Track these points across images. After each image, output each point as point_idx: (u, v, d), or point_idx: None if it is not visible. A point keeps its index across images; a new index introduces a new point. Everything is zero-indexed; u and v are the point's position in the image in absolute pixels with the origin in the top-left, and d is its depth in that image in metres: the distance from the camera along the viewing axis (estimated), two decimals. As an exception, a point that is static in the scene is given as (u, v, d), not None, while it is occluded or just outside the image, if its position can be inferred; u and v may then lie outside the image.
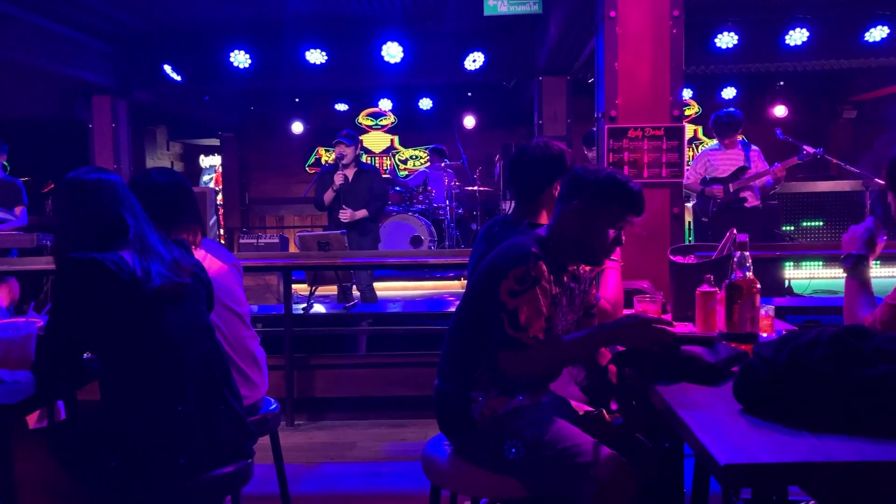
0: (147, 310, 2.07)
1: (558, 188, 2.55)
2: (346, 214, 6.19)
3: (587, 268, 2.36)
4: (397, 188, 8.92)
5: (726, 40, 7.74)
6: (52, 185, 10.53)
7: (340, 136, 6.30)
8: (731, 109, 5.99)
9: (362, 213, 6.22)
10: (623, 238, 2.20)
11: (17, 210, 6.27)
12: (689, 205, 6.48)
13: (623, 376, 2.22)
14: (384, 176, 8.33)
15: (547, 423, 2.12)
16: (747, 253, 2.25)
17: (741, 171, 5.86)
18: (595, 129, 4.11)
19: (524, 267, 2.07)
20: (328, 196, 6.25)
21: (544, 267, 2.11)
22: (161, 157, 12.36)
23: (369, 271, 6.33)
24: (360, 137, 6.65)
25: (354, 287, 6.37)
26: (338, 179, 6.18)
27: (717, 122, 5.95)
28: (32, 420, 2.71)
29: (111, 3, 7.23)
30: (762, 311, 2.35)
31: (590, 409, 2.40)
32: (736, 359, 2.00)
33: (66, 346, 2.09)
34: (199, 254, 2.65)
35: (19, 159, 7.12)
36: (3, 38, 6.71)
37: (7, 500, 2.04)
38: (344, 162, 6.24)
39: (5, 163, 6.55)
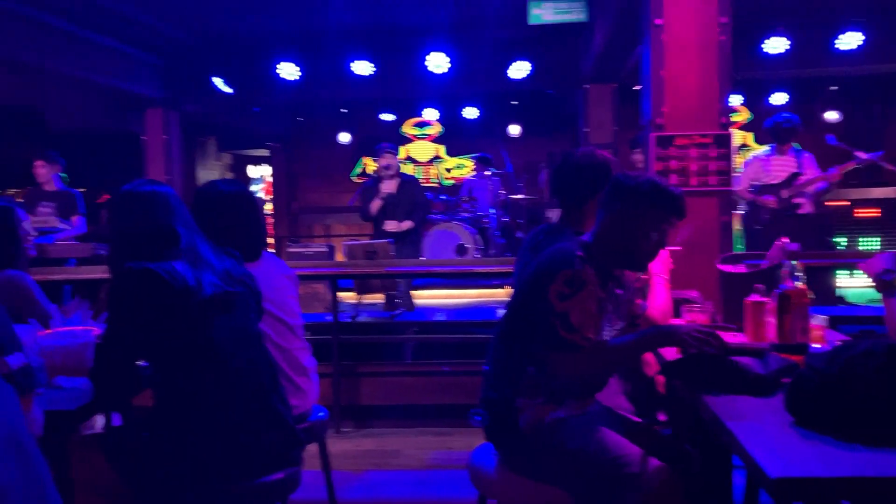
0: (198, 318, 2.12)
1: None
2: (392, 225, 6.24)
3: (633, 276, 2.35)
4: (441, 197, 8.95)
5: (776, 45, 7.61)
6: (107, 196, 10.83)
7: (386, 147, 6.36)
8: (789, 114, 5.86)
9: (408, 223, 6.27)
10: (666, 242, 2.20)
11: (74, 220, 6.45)
12: (739, 213, 6.37)
13: (672, 387, 2.20)
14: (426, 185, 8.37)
15: (594, 433, 2.11)
16: (798, 262, 2.22)
17: (794, 177, 5.74)
18: (642, 134, 4.08)
19: (571, 270, 2.07)
20: (375, 205, 6.32)
21: (591, 270, 2.11)
22: (211, 168, 12.60)
23: (407, 280, 6.39)
24: (406, 147, 6.72)
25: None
26: (386, 189, 6.25)
27: (776, 128, 5.82)
28: (92, 425, 2.78)
29: (163, 18, 7.41)
30: (814, 322, 2.31)
31: (638, 419, 2.38)
32: (786, 370, 1.96)
33: (122, 354, 2.15)
34: (258, 266, 2.69)
35: (76, 171, 7.34)
36: (62, 55, 6.93)
37: (65, 502, 2.10)
38: (389, 172, 6.30)
39: (63, 174, 6.74)
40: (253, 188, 13.96)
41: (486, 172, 9.27)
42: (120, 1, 6.65)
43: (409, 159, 12.57)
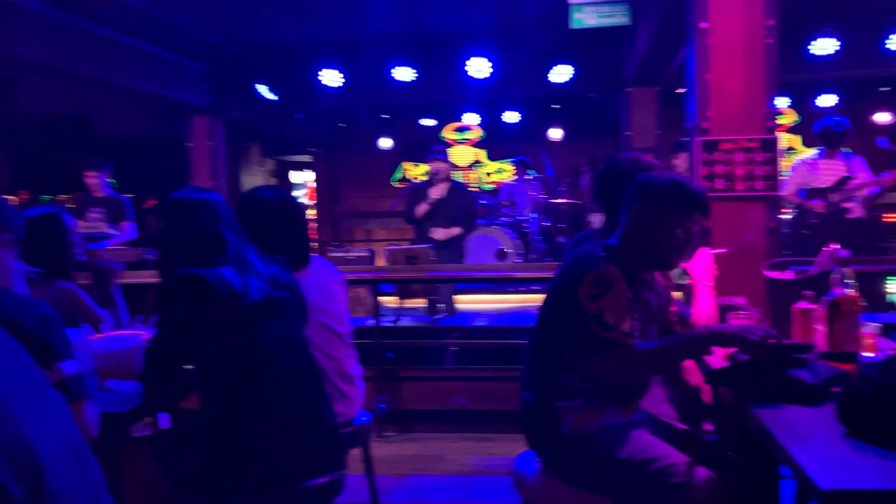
0: (245, 323, 2.16)
1: None
2: (440, 233, 6.22)
3: (663, 282, 2.33)
4: (482, 201, 8.95)
5: (824, 46, 7.44)
6: (154, 202, 11.05)
7: (438, 152, 6.36)
8: (839, 118, 5.73)
9: (456, 230, 6.26)
10: (692, 240, 2.18)
11: (124, 225, 6.59)
12: (787, 217, 6.25)
13: (718, 395, 2.17)
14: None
15: (639, 441, 2.08)
16: (849, 268, 2.17)
17: (844, 181, 5.61)
18: (684, 138, 4.03)
19: (596, 270, 2.07)
20: (422, 209, 6.31)
21: (615, 269, 2.10)
22: (255, 174, 12.78)
23: (450, 285, 6.38)
24: (446, 152, 6.70)
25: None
26: (434, 194, 6.24)
27: (825, 132, 5.68)
28: (142, 428, 2.84)
29: (209, 26, 7.55)
30: (865, 329, 2.26)
31: (684, 427, 2.35)
32: (837, 379, 1.92)
33: (170, 358, 2.19)
34: (308, 272, 2.72)
35: (123, 177, 7.50)
36: (111, 64, 7.10)
37: (117, 502, 2.15)
38: (439, 177, 6.29)
39: (111, 180, 6.89)
40: (296, 194, 14.12)
41: (527, 176, 9.24)
42: (167, 10, 6.79)
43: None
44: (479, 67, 8.01)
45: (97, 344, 2.43)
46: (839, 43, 7.43)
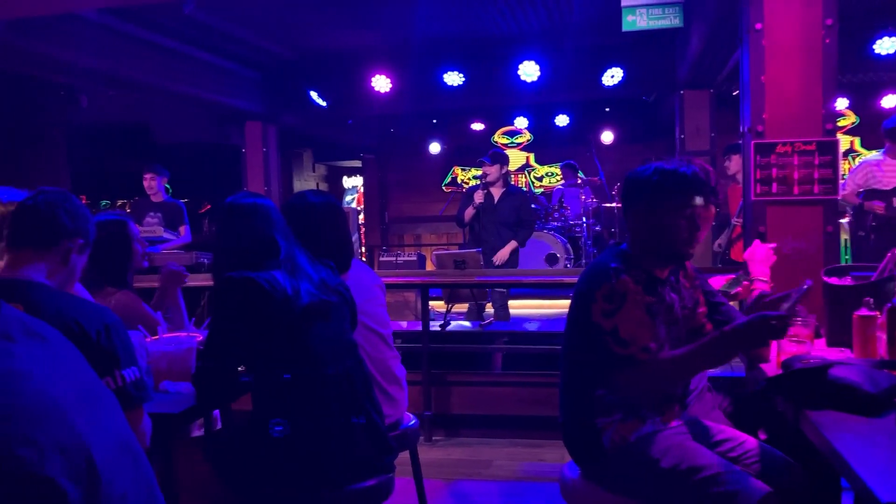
0: (296, 326, 2.18)
1: None
2: (498, 258, 6.17)
3: (687, 283, 2.27)
4: (532, 205, 8.90)
5: (886, 45, 7.23)
6: (209, 206, 11.28)
7: (485, 156, 6.35)
8: None
9: (511, 245, 6.20)
10: (700, 224, 2.09)
11: (182, 229, 6.76)
12: (844, 221, 6.08)
13: (773, 403, 2.11)
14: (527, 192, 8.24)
15: (682, 450, 2.04)
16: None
17: (910, 183, 5.44)
18: (739, 141, 3.96)
19: (608, 284, 2.02)
20: (469, 213, 6.30)
21: (628, 279, 2.05)
22: (307, 179, 12.96)
23: (504, 291, 6.34)
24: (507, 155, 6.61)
25: (489, 305, 6.39)
26: (478, 198, 6.22)
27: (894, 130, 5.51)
28: (195, 428, 2.90)
29: (261, 34, 7.67)
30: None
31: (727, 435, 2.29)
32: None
33: (223, 360, 2.23)
34: (349, 276, 2.75)
35: (178, 182, 7.67)
36: (168, 72, 7.27)
37: (169, 501, 2.19)
38: (487, 181, 6.27)
39: (167, 185, 7.06)
40: (347, 198, 14.27)
41: (577, 180, 9.17)
42: (223, 20, 6.93)
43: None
44: (529, 71, 7.98)
45: (152, 346, 2.49)
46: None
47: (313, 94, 8.76)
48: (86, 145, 8.86)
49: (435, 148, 12.31)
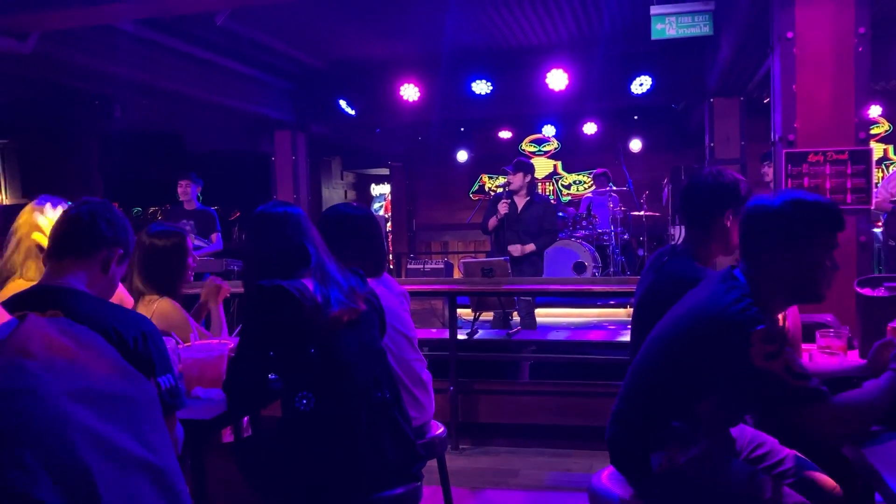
0: (326, 333, 2.21)
1: (730, 218, 2.47)
2: (516, 250, 6.19)
3: None
4: (560, 213, 8.88)
5: (920, 53, 7.12)
6: (238, 214, 11.40)
7: (510, 165, 6.36)
8: None
9: (530, 247, 6.21)
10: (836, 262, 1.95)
11: (213, 237, 6.85)
12: (877, 230, 5.99)
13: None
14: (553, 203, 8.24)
15: (733, 472, 2.02)
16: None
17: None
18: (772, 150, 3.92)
19: (764, 327, 1.82)
20: (492, 222, 6.31)
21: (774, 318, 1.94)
22: (336, 187, 13.05)
23: (530, 299, 6.32)
24: (533, 164, 6.61)
25: (515, 313, 6.37)
26: (501, 209, 6.22)
27: None
28: (226, 434, 2.93)
29: (291, 44, 7.77)
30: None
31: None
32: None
33: (253, 367, 2.26)
34: (379, 282, 2.79)
35: (210, 190, 7.76)
36: (200, 82, 7.39)
37: (200, 505, 2.22)
38: (511, 188, 6.27)
39: (199, 193, 7.16)
40: (374, 206, 14.35)
41: (608, 189, 9.14)
42: (255, 30, 7.02)
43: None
44: (556, 79, 7.98)
45: (185, 352, 2.52)
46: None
47: (342, 103, 8.83)
48: (118, 153, 9.01)
49: (462, 156, 12.33)
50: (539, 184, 12.53)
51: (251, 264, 2.39)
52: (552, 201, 7.97)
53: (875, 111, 9.88)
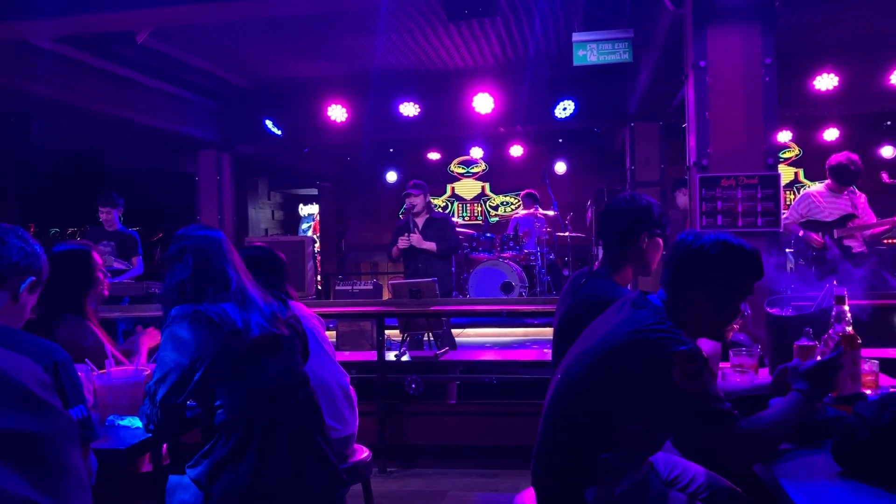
0: (246, 359, 2.18)
1: (646, 240, 2.54)
2: (405, 242, 6.27)
3: None
4: (487, 234, 8.96)
5: (826, 82, 7.50)
6: (161, 234, 11.11)
7: (408, 186, 6.44)
8: (853, 157, 5.66)
9: (431, 245, 6.30)
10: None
11: (134, 260, 6.66)
12: (789, 251, 6.24)
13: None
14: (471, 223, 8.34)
15: (669, 501, 2.06)
16: (846, 307, 2.18)
17: (848, 217, 5.60)
18: (686, 176, 4.07)
19: (686, 347, 1.84)
20: (395, 252, 6.42)
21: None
22: (263, 207, 12.87)
23: (446, 318, 6.36)
24: (452, 185, 6.71)
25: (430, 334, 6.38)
26: (402, 244, 6.30)
27: (840, 170, 5.56)
28: (143, 463, 2.84)
29: (216, 63, 7.68)
30: (866, 367, 2.26)
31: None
32: (835, 419, 1.92)
33: (172, 394, 2.20)
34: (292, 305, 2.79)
35: (131, 210, 7.57)
36: (122, 100, 7.21)
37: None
38: (415, 211, 6.37)
39: (120, 215, 6.96)
40: (303, 226, 14.21)
41: (537, 211, 9.29)
42: (177, 48, 6.91)
43: (455, 197, 12.70)
44: (483, 103, 8.10)
45: (99, 379, 2.45)
46: (837, 78, 7.49)
47: (269, 123, 8.75)
48: (35, 172, 8.70)
49: (392, 176, 12.36)
50: (468, 205, 12.64)
51: (171, 288, 2.33)
52: (451, 218, 8.07)
53: (785, 136, 10.35)
